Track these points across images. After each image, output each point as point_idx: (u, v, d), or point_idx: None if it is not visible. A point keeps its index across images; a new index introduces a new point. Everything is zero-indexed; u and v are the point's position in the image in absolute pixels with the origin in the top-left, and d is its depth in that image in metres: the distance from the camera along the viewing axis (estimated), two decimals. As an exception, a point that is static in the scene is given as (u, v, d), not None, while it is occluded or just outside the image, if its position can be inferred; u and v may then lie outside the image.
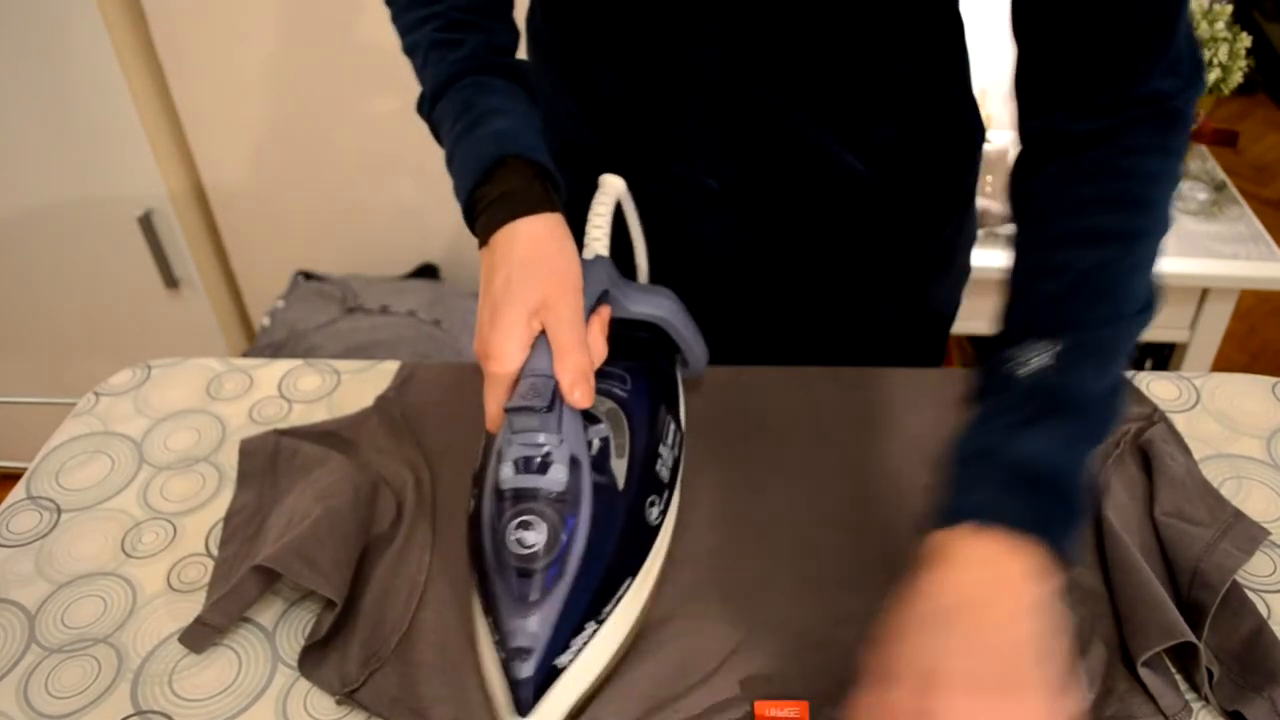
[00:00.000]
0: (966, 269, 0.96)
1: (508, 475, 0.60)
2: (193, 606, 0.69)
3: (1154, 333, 1.62)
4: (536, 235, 0.64)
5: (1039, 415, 0.54)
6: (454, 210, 0.70)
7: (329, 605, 0.67)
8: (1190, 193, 1.61)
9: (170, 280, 1.86)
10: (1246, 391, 0.85)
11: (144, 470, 0.81)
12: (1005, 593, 0.50)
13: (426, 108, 0.73)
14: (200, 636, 0.66)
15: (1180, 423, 0.81)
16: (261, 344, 1.68)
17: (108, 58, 1.61)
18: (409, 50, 0.77)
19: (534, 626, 0.57)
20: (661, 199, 0.81)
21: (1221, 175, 1.69)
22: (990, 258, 1.04)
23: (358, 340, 1.64)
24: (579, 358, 0.61)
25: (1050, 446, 0.54)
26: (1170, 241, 0.61)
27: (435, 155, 0.72)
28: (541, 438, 0.60)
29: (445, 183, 0.70)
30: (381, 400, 0.85)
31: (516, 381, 0.61)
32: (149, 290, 1.87)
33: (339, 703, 0.62)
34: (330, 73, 1.70)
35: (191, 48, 1.69)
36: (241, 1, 1.63)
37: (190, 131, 1.79)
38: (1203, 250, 1.53)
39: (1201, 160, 1.73)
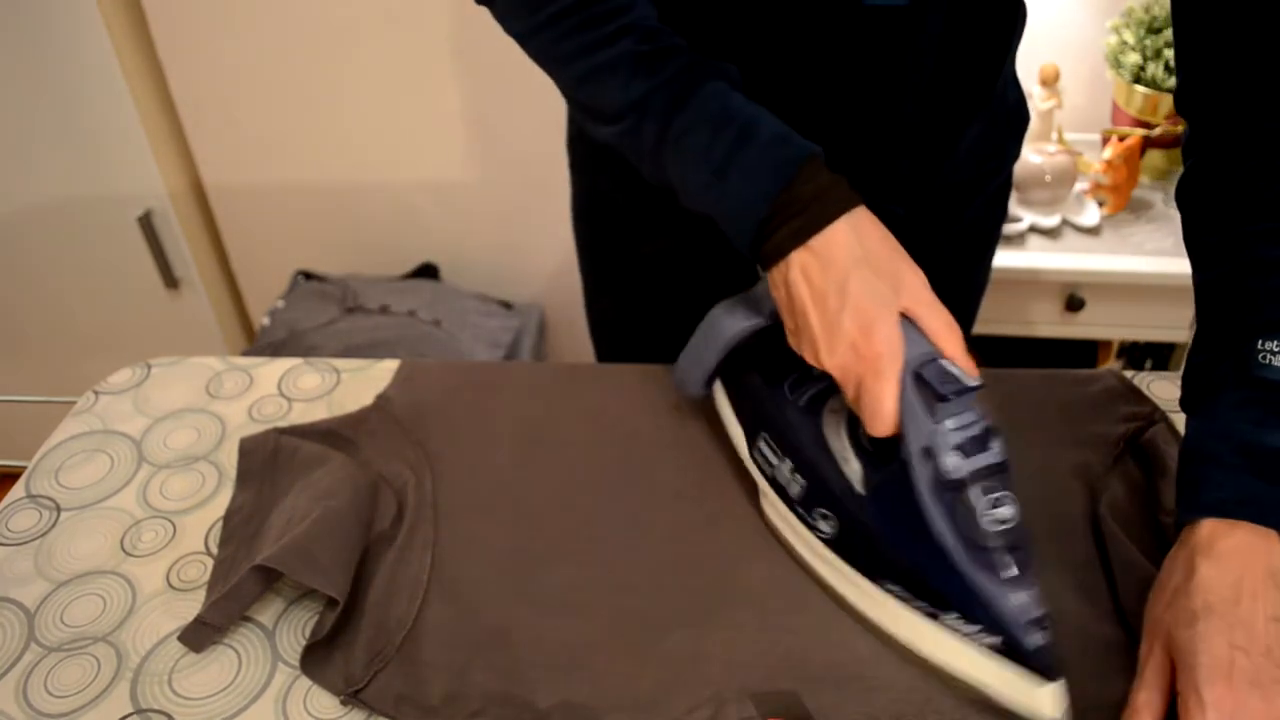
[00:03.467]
0: (994, 251, 0.99)
1: (956, 462, 0.58)
2: (192, 605, 0.69)
3: (1154, 333, 1.62)
4: (869, 226, 0.62)
5: None
6: (454, 210, 0.70)
7: (330, 604, 0.67)
8: (1190, 193, 1.61)
9: (170, 280, 1.86)
10: (1247, 391, 0.85)
11: (143, 469, 0.81)
12: (1262, 588, 0.53)
13: (654, 124, 0.66)
14: (200, 635, 0.65)
15: (1180, 423, 0.81)
16: (261, 344, 1.68)
17: (108, 58, 1.61)
18: (591, 73, 0.68)
19: (1036, 593, 0.57)
20: None
21: (1222, 175, 1.69)
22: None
23: (357, 340, 1.64)
24: (959, 334, 0.61)
25: None
26: (1170, 242, 0.61)
27: (435, 155, 0.72)
28: (971, 415, 0.59)
29: (445, 183, 0.69)
30: (381, 399, 0.85)
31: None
32: (149, 290, 1.87)
33: (343, 702, 0.62)
34: (330, 73, 1.70)
35: (191, 48, 1.70)
36: (241, 1, 1.64)
37: (190, 131, 1.79)
38: (1203, 250, 1.52)
39: (1202, 160, 1.73)
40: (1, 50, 1.61)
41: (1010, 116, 0.89)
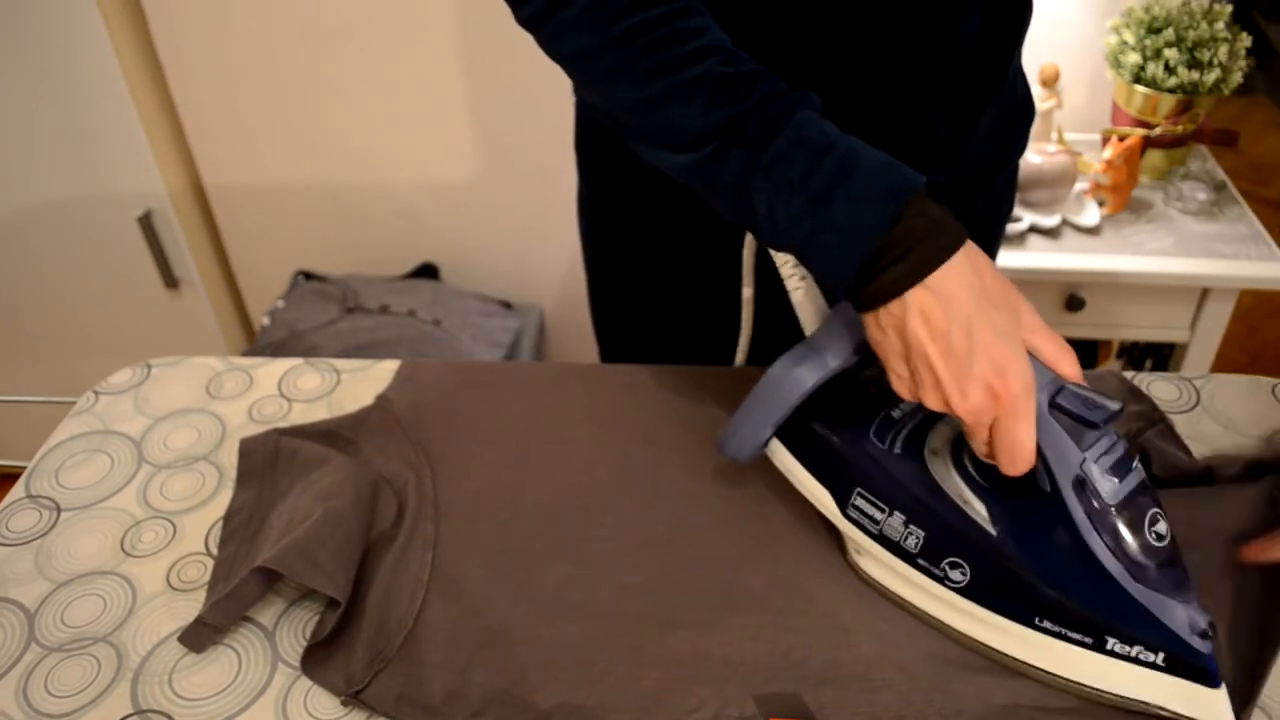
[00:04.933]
0: (999, 246, 0.99)
1: (1113, 488, 0.58)
2: (192, 605, 0.69)
3: (1154, 333, 1.62)
4: (980, 258, 0.59)
5: None
6: (454, 210, 0.69)
7: (331, 605, 0.67)
8: (1190, 193, 1.61)
9: (170, 280, 1.86)
10: (1246, 392, 0.85)
11: (144, 469, 0.81)
12: None
13: (741, 151, 0.61)
14: (200, 636, 0.65)
15: (1180, 423, 0.81)
16: (261, 344, 1.68)
17: (108, 58, 1.61)
18: (669, 94, 0.62)
19: (1198, 604, 0.57)
20: None
21: (1221, 175, 1.69)
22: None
23: (358, 340, 1.64)
24: (1074, 356, 0.59)
25: None
26: (1170, 241, 0.61)
27: (436, 155, 0.71)
28: (1113, 438, 0.59)
29: (446, 183, 0.69)
30: (382, 399, 0.85)
31: None
32: (149, 290, 1.87)
33: (344, 703, 0.62)
34: (330, 73, 1.70)
35: (191, 48, 1.70)
36: (241, 1, 1.64)
37: (190, 131, 1.79)
38: (1203, 250, 1.53)
39: (1201, 160, 1.73)
40: (1, 50, 1.61)
41: (1019, 108, 0.90)
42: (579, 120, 0.93)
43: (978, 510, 0.62)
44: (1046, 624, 0.60)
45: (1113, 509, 0.58)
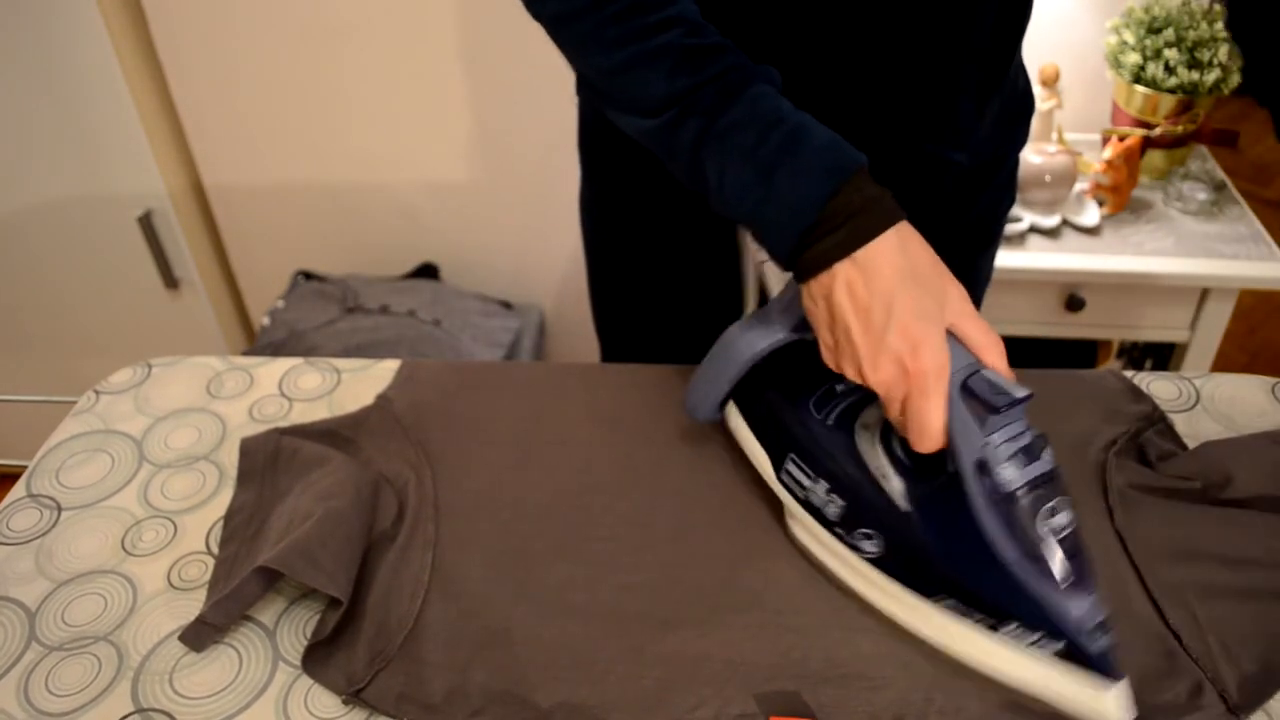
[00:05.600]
0: (999, 243, 1.00)
1: (1011, 474, 0.58)
2: (193, 604, 0.69)
3: (1154, 333, 1.62)
4: (914, 239, 0.61)
5: None
6: (454, 210, 0.70)
7: (332, 604, 0.67)
8: (1190, 193, 1.61)
9: (170, 280, 1.86)
10: (1246, 391, 0.85)
11: (144, 468, 0.81)
12: None
13: (697, 120, 0.64)
14: (201, 635, 0.65)
15: (1180, 423, 0.81)
16: (261, 344, 1.68)
17: (108, 58, 1.61)
18: (634, 60, 0.65)
19: (1097, 598, 0.57)
20: None
21: (1221, 175, 1.69)
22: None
23: (358, 340, 1.64)
24: (1000, 345, 0.60)
25: None
26: (1170, 242, 0.62)
27: (435, 155, 0.71)
28: (1020, 425, 0.59)
29: (446, 183, 0.69)
30: (382, 399, 0.85)
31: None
32: (149, 290, 1.87)
33: (344, 701, 0.62)
34: (330, 73, 1.70)
35: (191, 48, 1.70)
36: (241, 1, 1.64)
37: (190, 131, 1.79)
38: (1203, 250, 1.53)
39: (1201, 160, 1.73)
40: (1, 50, 1.61)
41: (1020, 101, 0.90)
42: (582, 117, 0.93)
43: (894, 486, 0.64)
44: (947, 601, 0.61)
45: (1013, 494, 0.58)
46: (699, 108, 0.64)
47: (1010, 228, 1.55)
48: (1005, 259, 1.52)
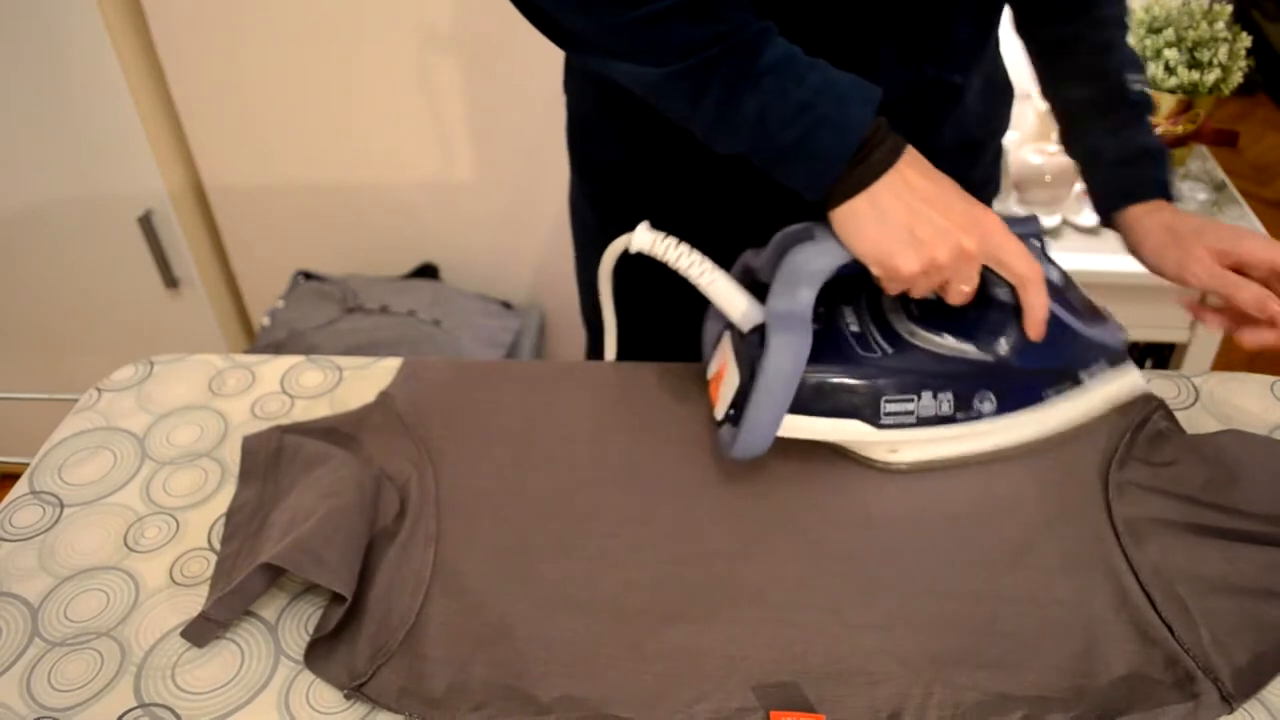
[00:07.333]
0: None
1: (1057, 273, 0.77)
2: (195, 600, 0.69)
3: (1154, 333, 1.62)
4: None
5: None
6: (454, 210, 0.70)
7: (335, 600, 0.67)
8: (1190, 193, 1.61)
9: (170, 280, 1.86)
10: (1246, 390, 0.85)
11: (146, 465, 0.81)
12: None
13: (739, 57, 0.67)
14: (203, 631, 0.66)
15: (1180, 422, 0.81)
16: (261, 344, 1.68)
17: (108, 58, 1.61)
18: (652, 14, 0.66)
19: (1109, 314, 0.82)
20: None
21: (1221, 175, 1.69)
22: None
23: (358, 340, 1.64)
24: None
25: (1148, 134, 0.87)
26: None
27: (435, 155, 0.71)
28: (1035, 239, 0.77)
29: (445, 183, 0.69)
30: (384, 396, 0.85)
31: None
32: (149, 290, 1.88)
33: (346, 696, 0.63)
34: (330, 72, 1.70)
35: (191, 48, 1.70)
36: (241, 1, 1.64)
37: (190, 131, 1.79)
38: (1202, 250, 1.53)
39: (1201, 160, 1.73)
40: (1, 50, 1.61)
41: (1002, 83, 0.95)
42: (570, 114, 0.93)
43: (968, 348, 0.74)
44: (1048, 393, 0.76)
45: (1062, 285, 0.76)
46: (739, 49, 0.66)
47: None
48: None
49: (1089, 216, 1.58)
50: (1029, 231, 0.75)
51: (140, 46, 1.68)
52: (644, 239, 0.73)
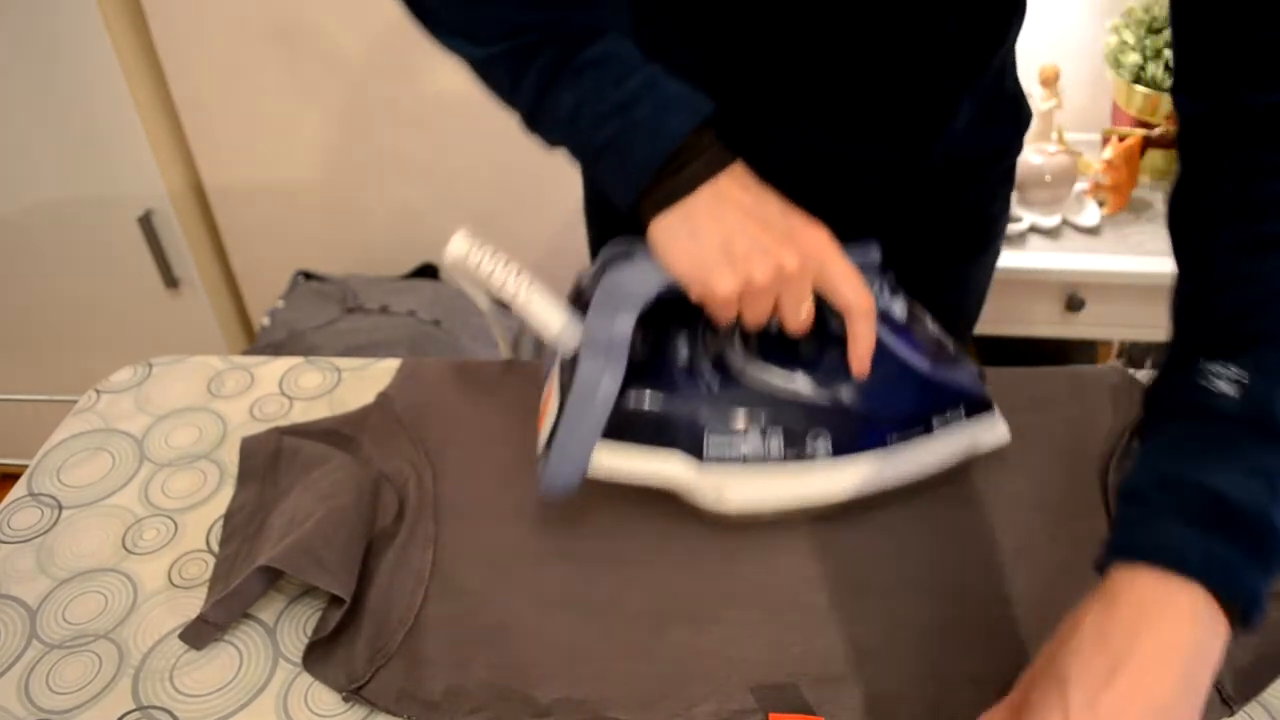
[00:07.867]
0: (998, 253, 0.98)
1: (898, 307, 0.70)
2: (193, 603, 0.69)
3: (1154, 333, 1.62)
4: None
5: (1230, 443, 0.50)
6: (454, 210, 0.70)
7: (333, 602, 0.67)
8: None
9: (170, 280, 1.86)
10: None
11: (145, 467, 0.81)
12: (1163, 644, 0.47)
13: (556, 48, 0.64)
14: (201, 633, 0.66)
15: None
16: (261, 344, 1.68)
17: (108, 58, 1.61)
18: None
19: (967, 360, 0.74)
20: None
21: (1221, 175, 1.69)
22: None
23: (358, 340, 1.64)
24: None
25: (1243, 480, 0.49)
26: (1169, 241, 0.61)
27: (435, 155, 0.71)
28: (879, 285, 0.71)
29: (445, 183, 0.69)
30: (382, 397, 0.85)
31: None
32: (149, 290, 1.87)
33: (345, 699, 0.62)
34: (330, 72, 1.70)
35: (191, 48, 1.70)
36: (241, 1, 1.64)
37: (190, 131, 1.79)
38: (1202, 250, 1.53)
39: (1201, 160, 1.73)
40: (1, 50, 1.61)
41: (1007, 105, 0.87)
42: None
43: (801, 386, 0.69)
44: (894, 437, 0.70)
45: (909, 320, 0.70)
46: (560, 38, 0.64)
47: (1010, 228, 1.55)
48: (1005, 259, 1.51)
49: (1089, 216, 1.58)
50: (865, 260, 0.68)
51: (140, 46, 1.68)
52: (459, 248, 0.68)
